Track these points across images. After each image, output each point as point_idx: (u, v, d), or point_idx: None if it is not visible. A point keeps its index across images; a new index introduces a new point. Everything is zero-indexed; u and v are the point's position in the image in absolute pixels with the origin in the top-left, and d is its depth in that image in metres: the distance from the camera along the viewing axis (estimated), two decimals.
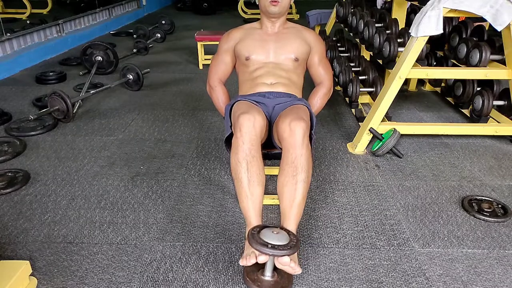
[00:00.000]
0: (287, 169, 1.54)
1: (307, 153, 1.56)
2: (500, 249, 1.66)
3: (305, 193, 1.54)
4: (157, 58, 4.72)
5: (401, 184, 2.12)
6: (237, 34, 1.95)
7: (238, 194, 1.57)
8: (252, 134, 1.55)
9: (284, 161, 1.57)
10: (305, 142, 1.55)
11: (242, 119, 1.55)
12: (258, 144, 1.59)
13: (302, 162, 1.53)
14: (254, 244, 1.34)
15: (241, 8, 7.43)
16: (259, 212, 1.53)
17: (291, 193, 1.52)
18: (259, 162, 1.57)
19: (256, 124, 1.56)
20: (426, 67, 2.70)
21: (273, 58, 1.88)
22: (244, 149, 1.54)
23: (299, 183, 1.52)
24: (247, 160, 1.54)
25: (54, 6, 5.44)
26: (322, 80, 1.99)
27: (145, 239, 1.69)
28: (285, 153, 1.57)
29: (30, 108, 3.09)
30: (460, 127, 2.61)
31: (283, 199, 1.54)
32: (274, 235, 1.37)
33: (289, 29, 1.94)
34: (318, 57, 1.96)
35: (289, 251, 1.34)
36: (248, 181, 1.53)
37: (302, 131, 1.54)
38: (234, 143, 1.58)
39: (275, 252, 1.32)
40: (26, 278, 1.42)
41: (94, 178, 2.14)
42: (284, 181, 1.54)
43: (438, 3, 2.21)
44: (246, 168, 1.53)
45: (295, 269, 1.38)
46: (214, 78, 1.99)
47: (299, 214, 1.53)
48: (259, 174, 1.55)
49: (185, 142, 2.58)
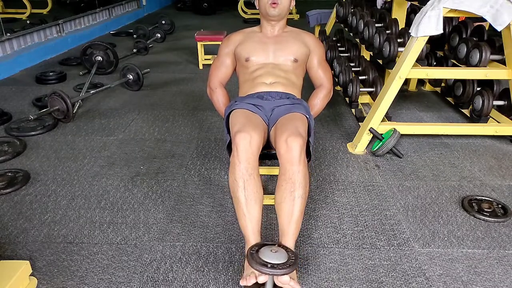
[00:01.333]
0: (285, 185, 1.54)
1: (304, 169, 1.56)
2: (500, 249, 1.66)
3: (302, 209, 1.55)
4: (157, 58, 4.72)
5: (401, 184, 2.12)
6: (237, 38, 1.97)
7: (236, 212, 1.58)
8: (248, 152, 1.55)
9: (281, 178, 1.57)
10: (302, 158, 1.56)
11: (238, 139, 1.56)
12: (255, 162, 1.59)
13: (299, 179, 1.53)
14: (254, 265, 1.35)
15: (241, 8, 7.43)
16: (257, 230, 1.54)
17: (289, 209, 1.52)
18: (256, 180, 1.57)
19: (252, 142, 1.56)
20: (426, 67, 2.70)
21: (273, 59, 1.89)
22: (240, 168, 1.54)
23: (297, 199, 1.53)
24: (244, 179, 1.54)
25: (54, 6, 5.44)
26: (322, 83, 1.99)
27: (145, 239, 1.69)
28: (282, 169, 1.57)
29: (30, 108, 3.09)
30: (460, 127, 2.61)
31: (281, 215, 1.55)
32: (273, 254, 1.38)
33: (289, 32, 1.96)
34: (318, 60, 1.97)
35: (288, 269, 1.34)
36: (245, 199, 1.53)
37: (299, 147, 1.55)
38: (231, 161, 1.59)
39: (274, 272, 1.33)
40: (26, 278, 1.42)
41: (94, 178, 2.14)
42: (281, 197, 1.55)
43: (438, 3, 2.21)
44: (243, 187, 1.54)
45: (294, 287, 1.39)
46: (215, 81, 2.00)
47: (297, 230, 1.54)
48: (256, 192, 1.55)
49: (185, 142, 2.58)
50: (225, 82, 2.03)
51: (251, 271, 1.42)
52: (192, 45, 4.97)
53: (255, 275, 1.40)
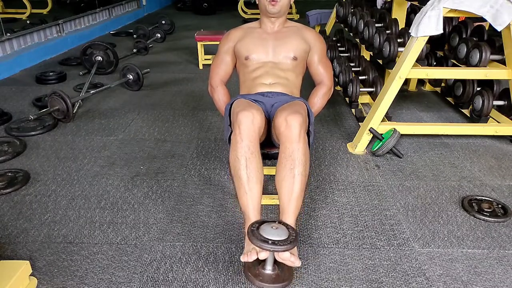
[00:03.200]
0: (285, 163, 1.56)
1: (304, 146, 1.57)
2: (500, 249, 1.66)
3: (303, 187, 1.56)
4: (157, 58, 4.72)
5: (401, 184, 2.12)
6: (237, 34, 1.96)
7: (237, 190, 1.59)
8: (251, 130, 1.56)
9: (281, 156, 1.59)
10: (302, 136, 1.57)
11: (241, 116, 1.57)
12: (257, 141, 1.60)
13: (299, 156, 1.54)
14: (255, 241, 1.35)
15: (241, 8, 7.43)
16: (258, 208, 1.55)
17: (289, 187, 1.53)
18: (258, 159, 1.58)
19: (254, 121, 1.57)
20: (426, 67, 2.70)
21: (272, 57, 1.88)
22: (242, 146, 1.55)
23: (297, 176, 1.54)
24: (246, 156, 1.55)
25: (54, 6, 5.44)
26: (322, 80, 1.98)
27: (145, 239, 1.69)
28: (282, 147, 1.58)
29: (30, 108, 3.09)
30: (460, 127, 2.61)
31: (281, 193, 1.56)
32: (273, 231, 1.39)
33: (289, 28, 1.94)
34: (318, 56, 1.96)
35: (289, 246, 1.36)
36: (247, 177, 1.55)
37: (299, 125, 1.56)
38: (233, 140, 1.60)
39: (275, 248, 1.34)
40: (26, 278, 1.41)
41: (94, 178, 2.14)
42: (282, 175, 1.56)
43: (438, 3, 2.21)
44: (245, 165, 1.55)
45: (294, 262, 1.41)
46: (215, 78, 2.00)
47: (298, 208, 1.55)
48: (258, 171, 1.57)
49: (185, 142, 2.58)
50: (226, 80, 2.02)
51: (252, 247, 1.43)
52: (192, 45, 4.97)
53: (256, 251, 1.41)
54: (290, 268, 1.47)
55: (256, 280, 1.42)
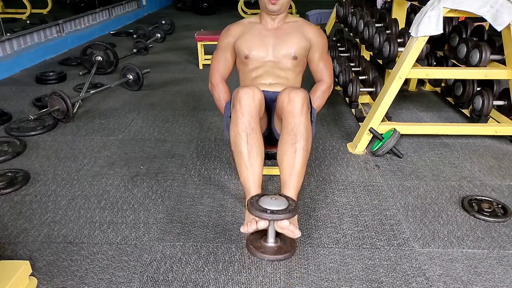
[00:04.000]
0: (287, 138, 1.57)
1: (306, 122, 1.58)
2: (500, 249, 1.66)
3: (304, 161, 1.57)
4: (157, 58, 4.72)
5: (401, 184, 2.12)
6: (237, 30, 1.93)
7: (237, 166, 1.60)
8: (251, 106, 1.58)
9: (283, 131, 1.60)
10: (304, 111, 1.58)
11: (242, 93, 1.59)
12: (257, 117, 1.61)
13: (301, 130, 1.55)
14: (254, 211, 1.37)
15: (241, 8, 7.44)
16: (258, 182, 1.57)
17: (291, 161, 1.55)
18: (258, 135, 1.60)
19: (255, 97, 1.59)
20: (426, 67, 2.70)
21: (272, 55, 1.87)
22: (243, 121, 1.57)
23: (298, 151, 1.55)
24: (246, 132, 1.56)
25: (54, 6, 5.45)
26: (323, 77, 1.97)
27: (145, 239, 1.69)
28: (285, 122, 1.59)
29: (30, 108, 3.09)
30: (460, 127, 2.61)
31: (283, 167, 1.57)
32: (273, 201, 1.42)
33: (290, 23, 1.91)
34: (319, 53, 1.94)
35: (287, 214, 1.37)
36: (248, 152, 1.56)
37: (301, 100, 1.57)
38: (233, 116, 1.61)
39: (274, 217, 1.36)
40: (26, 278, 1.41)
41: (94, 178, 2.14)
42: (283, 149, 1.58)
43: (438, 3, 2.21)
44: (246, 140, 1.56)
45: (294, 232, 1.42)
46: (216, 76, 1.98)
47: (299, 182, 1.56)
48: (258, 146, 1.58)
49: (185, 142, 2.58)
50: (227, 76, 2.01)
51: (252, 218, 1.44)
52: (192, 45, 4.97)
53: (256, 221, 1.42)
54: (292, 241, 1.49)
55: (257, 252, 1.44)
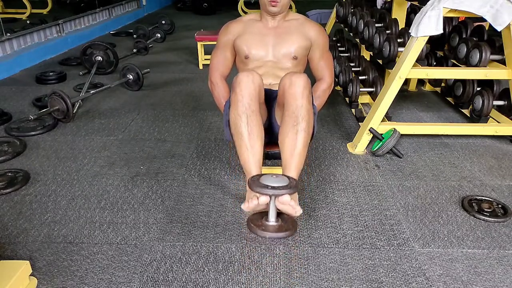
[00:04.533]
0: (288, 120, 1.58)
1: (308, 104, 1.59)
2: (500, 249, 1.66)
3: (305, 143, 1.58)
4: (157, 58, 4.72)
5: (401, 184, 2.12)
6: (236, 28, 1.91)
7: (238, 148, 1.61)
8: (251, 89, 1.59)
9: (285, 114, 1.61)
10: (306, 95, 1.59)
11: (241, 76, 1.61)
12: (257, 100, 1.63)
13: (302, 113, 1.57)
14: (255, 187, 1.39)
15: (241, 8, 7.44)
16: (259, 164, 1.58)
17: (292, 142, 1.56)
18: (258, 117, 1.61)
19: (254, 80, 1.60)
20: (426, 67, 2.70)
21: (272, 55, 1.86)
22: (243, 103, 1.58)
23: (300, 132, 1.56)
24: (246, 114, 1.58)
25: (54, 6, 5.44)
26: (323, 75, 1.97)
27: (145, 239, 1.69)
28: (286, 105, 1.61)
29: (30, 108, 3.09)
30: (460, 127, 2.61)
31: (284, 149, 1.59)
32: (273, 179, 1.44)
33: (291, 22, 1.89)
34: (320, 52, 1.93)
35: (289, 190, 1.39)
36: (248, 134, 1.57)
37: (303, 83, 1.58)
38: (233, 99, 1.62)
39: (275, 192, 1.37)
40: (26, 278, 1.41)
41: (94, 178, 2.14)
42: (285, 132, 1.59)
43: (438, 3, 2.21)
44: (246, 122, 1.58)
45: (295, 208, 1.42)
46: (216, 74, 1.97)
47: (300, 163, 1.57)
48: (258, 128, 1.59)
49: (185, 142, 2.58)
50: (227, 74, 2.01)
51: (253, 195, 1.46)
52: (192, 45, 4.97)
53: (257, 197, 1.44)
54: (293, 221, 1.51)
55: (258, 230, 1.45)
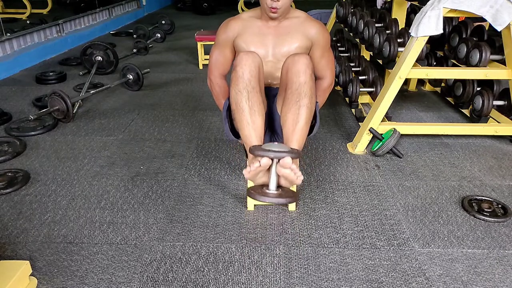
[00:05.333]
0: (291, 97, 1.59)
1: (311, 82, 1.60)
2: (500, 249, 1.66)
3: (308, 118, 1.58)
4: (157, 58, 4.72)
5: (401, 184, 2.12)
6: (236, 26, 1.88)
7: (239, 124, 1.61)
8: (252, 66, 1.60)
9: (287, 92, 1.62)
10: (308, 73, 1.60)
11: (242, 54, 1.63)
12: (257, 78, 1.63)
13: (305, 89, 1.57)
14: (257, 151, 1.41)
15: (241, 8, 7.44)
16: (260, 139, 1.58)
17: (294, 117, 1.56)
18: (259, 95, 1.62)
19: (255, 59, 1.62)
20: (426, 67, 2.70)
21: (272, 55, 1.85)
22: (244, 80, 1.59)
23: (302, 107, 1.56)
24: (247, 89, 1.58)
25: (54, 6, 5.44)
26: (324, 75, 1.96)
27: (145, 239, 1.69)
28: (289, 83, 1.61)
29: (30, 108, 3.09)
30: (460, 127, 2.61)
31: (286, 124, 1.59)
32: (276, 145, 1.46)
33: (292, 20, 1.86)
34: (321, 51, 1.90)
35: (291, 154, 1.40)
36: (249, 109, 1.58)
37: (305, 61, 1.60)
38: (233, 76, 1.63)
39: (277, 155, 1.38)
40: (26, 278, 1.42)
41: (94, 178, 2.14)
42: (287, 108, 1.59)
43: (438, 3, 2.21)
44: (247, 97, 1.58)
45: (296, 173, 1.43)
46: (215, 72, 1.97)
47: (302, 139, 1.58)
48: (260, 104, 1.60)
49: (185, 142, 2.58)
50: (226, 72, 2.00)
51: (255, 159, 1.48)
52: (192, 45, 4.97)
53: (259, 160, 1.44)
54: (294, 192, 1.52)
55: (258, 195, 1.48)
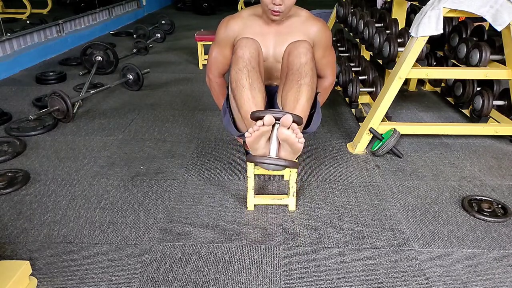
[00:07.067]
0: (292, 78, 1.58)
1: (311, 63, 1.61)
2: (500, 249, 1.66)
3: (309, 97, 1.57)
4: (157, 58, 4.72)
5: (401, 184, 2.12)
6: (236, 27, 1.86)
7: (239, 100, 1.60)
8: (252, 48, 1.62)
9: (289, 73, 1.62)
10: (309, 56, 1.60)
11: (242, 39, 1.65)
12: (257, 61, 1.64)
13: (306, 69, 1.58)
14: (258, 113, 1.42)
15: (241, 8, 7.44)
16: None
17: (295, 95, 1.56)
18: (259, 75, 1.62)
19: (254, 43, 1.65)
20: (426, 67, 2.70)
21: (272, 55, 1.84)
22: (244, 59, 1.60)
23: (303, 86, 1.56)
24: (247, 68, 1.59)
25: (54, 6, 5.44)
26: (325, 74, 1.95)
27: (145, 239, 1.69)
28: (290, 66, 1.62)
29: (30, 108, 3.09)
30: (460, 127, 2.61)
31: (287, 103, 1.58)
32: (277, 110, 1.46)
33: (293, 19, 1.83)
34: (322, 50, 1.87)
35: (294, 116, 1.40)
36: (249, 85, 1.57)
37: (306, 45, 1.62)
38: (234, 58, 1.64)
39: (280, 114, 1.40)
40: (26, 278, 1.42)
41: (94, 178, 2.14)
42: (288, 88, 1.59)
43: (438, 3, 2.21)
44: (247, 75, 1.58)
45: (298, 133, 1.41)
46: (214, 72, 1.98)
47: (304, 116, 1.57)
48: (260, 83, 1.60)
49: (185, 142, 2.58)
50: (225, 71, 1.99)
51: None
52: (192, 45, 4.97)
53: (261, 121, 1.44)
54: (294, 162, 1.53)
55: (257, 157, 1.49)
